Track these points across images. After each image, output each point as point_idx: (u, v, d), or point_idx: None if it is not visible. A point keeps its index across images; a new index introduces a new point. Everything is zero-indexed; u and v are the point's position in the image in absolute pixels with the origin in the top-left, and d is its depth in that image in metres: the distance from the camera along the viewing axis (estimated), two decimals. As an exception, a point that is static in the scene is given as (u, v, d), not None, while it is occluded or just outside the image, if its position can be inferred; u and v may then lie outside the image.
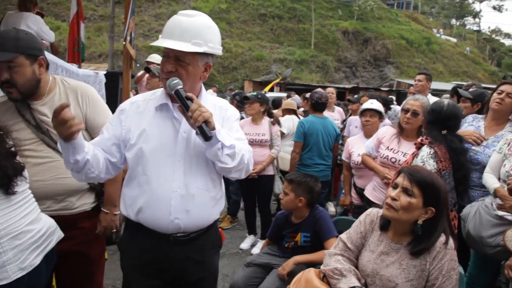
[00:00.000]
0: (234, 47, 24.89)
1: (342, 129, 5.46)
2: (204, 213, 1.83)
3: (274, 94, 12.08)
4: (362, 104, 4.58)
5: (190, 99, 1.62)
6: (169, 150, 1.75)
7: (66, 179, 2.02)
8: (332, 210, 5.45)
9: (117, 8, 15.84)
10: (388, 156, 3.18)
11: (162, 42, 1.70)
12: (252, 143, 4.48)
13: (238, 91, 6.81)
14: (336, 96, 5.94)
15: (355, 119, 4.80)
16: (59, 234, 1.92)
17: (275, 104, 6.89)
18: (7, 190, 1.67)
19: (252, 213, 4.90)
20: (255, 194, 4.69)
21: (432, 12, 50.66)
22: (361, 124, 4.17)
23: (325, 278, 2.04)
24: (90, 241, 2.21)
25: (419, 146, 2.74)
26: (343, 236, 2.10)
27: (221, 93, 19.82)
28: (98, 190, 2.24)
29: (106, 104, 2.33)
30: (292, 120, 5.37)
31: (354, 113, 5.29)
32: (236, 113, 1.99)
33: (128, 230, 1.92)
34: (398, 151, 3.15)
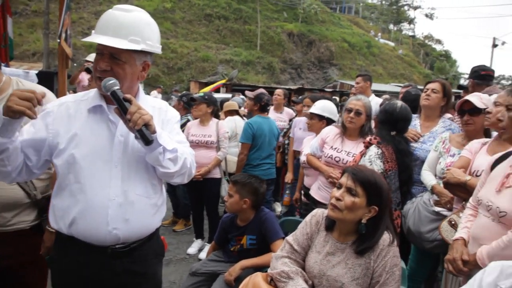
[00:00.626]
0: (180, 48, 24.45)
1: (289, 129, 5.51)
2: (145, 221, 1.72)
3: (221, 95, 12.00)
4: (304, 105, 4.66)
5: (129, 101, 1.52)
6: (104, 155, 1.62)
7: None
8: (279, 210, 5.48)
9: (52, 3, 14.88)
10: (332, 155, 3.22)
11: (96, 38, 1.57)
12: (198, 145, 4.41)
13: (185, 92, 6.66)
14: (283, 97, 5.95)
15: (299, 121, 4.86)
16: None
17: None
18: None
19: (199, 216, 4.80)
20: (202, 197, 4.60)
21: (372, 17, 53.11)
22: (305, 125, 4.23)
23: (272, 281, 2.01)
24: (28, 263, 2.00)
25: (367, 145, 2.78)
26: (290, 238, 2.08)
27: (166, 94, 19.39)
28: (42, 205, 2.02)
29: None
30: (234, 121, 5.31)
31: (299, 114, 5.35)
32: (176, 115, 1.90)
33: (59, 245, 1.75)
34: (342, 150, 3.20)
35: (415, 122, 3.32)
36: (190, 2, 28.00)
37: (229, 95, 11.06)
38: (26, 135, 1.61)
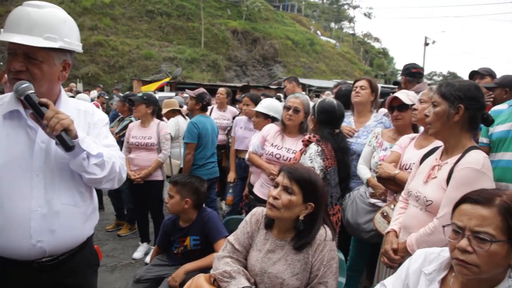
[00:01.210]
0: (121, 45, 23.56)
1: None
2: (73, 231, 1.64)
3: (165, 94, 11.73)
4: (244, 104, 4.69)
5: (45, 105, 1.43)
6: (24, 164, 1.51)
7: None
8: (226, 209, 5.47)
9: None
10: (273, 152, 3.27)
11: (7, 37, 1.45)
12: (138, 147, 4.30)
13: (128, 93, 6.41)
14: (226, 95, 5.92)
15: (240, 120, 4.88)
16: None
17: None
18: None
19: (144, 220, 4.68)
20: (145, 200, 4.48)
21: (314, 15, 54.47)
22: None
23: (215, 282, 2.01)
24: None
25: (307, 143, 2.83)
26: (231, 237, 2.09)
27: (108, 93, 18.64)
28: None
29: None
30: (177, 121, 5.21)
31: (243, 112, 5.36)
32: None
33: None
34: (282, 147, 3.26)
35: (350, 119, 3.49)
36: (130, -3, 27.06)
37: (173, 94, 10.85)
38: None
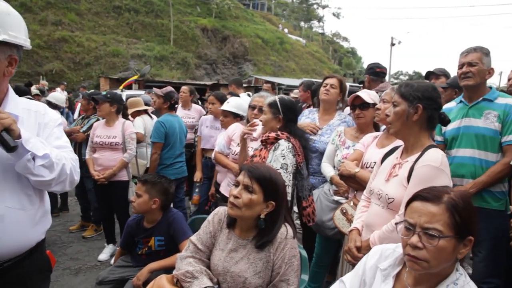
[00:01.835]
0: (86, 41, 22.86)
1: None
2: (20, 236, 1.57)
3: (133, 92, 11.50)
4: (209, 102, 4.68)
5: None
6: None
7: None
8: (192, 208, 5.43)
9: None
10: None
11: None
12: (102, 147, 4.21)
13: (94, 91, 6.23)
14: (189, 93, 5.86)
15: (206, 119, 4.87)
16: None
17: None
18: None
19: (109, 220, 4.59)
20: (111, 200, 4.39)
21: (284, 14, 54.83)
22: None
23: (178, 282, 2.00)
24: None
25: (273, 140, 2.82)
26: (193, 238, 2.08)
27: (73, 91, 18.06)
28: None
29: None
30: (143, 121, 5.13)
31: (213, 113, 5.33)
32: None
33: None
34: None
35: (314, 116, 3.52)
36: (96, -8, 26.32)
37: (141, 92, 10.65)
38: None
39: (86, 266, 4.28)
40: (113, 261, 4.20)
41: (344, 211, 2.63)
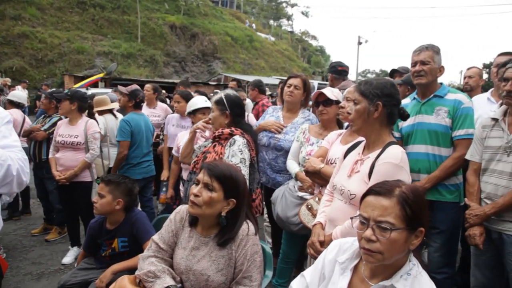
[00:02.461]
0: (49, 37, 22.08)
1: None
2: None
3: (98, 90, 11.21)
4: (175, 101, 4.64)
5: None
6: None
7: None
8: (160, 208, 5.37)
9: None
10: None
11: None
12: (64, 146, 4.09)
13: (55, 89, 6.02)
14: (153, 91, 5.80)
15: (172, 117, 4.82)
16: None
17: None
18: None
19: (74, 222, 4.46)
20: (74, 202, 4.27)
21: (253, 12, 54.87)
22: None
23: (141, 283, 1.97)
24: None
25: (227, 136, 2.83)
26: (155, 237, 2.07)
27: (35, 89, 17.40)
28: None
29: None
30: (105, 120, 5.00)
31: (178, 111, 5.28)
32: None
33: None
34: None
35: (278, 114, 3.56)
36: (59, -14, 25.42)
37: (108, 90, 10.40)
38: None
39: (49, 270, 4.14)
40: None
41: (309, 207, 2.67)
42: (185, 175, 3.82)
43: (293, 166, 3.09)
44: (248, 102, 5.89)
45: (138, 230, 2.67)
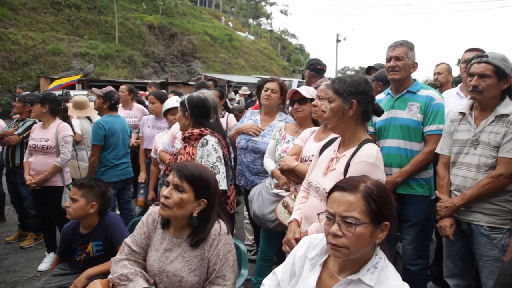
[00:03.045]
0: (23, 39, 21.51)
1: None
2: None
3: (75, 93, 11.01)
4: (150, 102, 4.60)
5: None
6: None
7: None
8: (137, 210, 5.31)
9: None
10: None
11: None
12: (35, 150, 4.02)
13: (29, 93, 5.86)
14: (128, 92, 5.72)
15: (148, 119, 4.77)
16: None
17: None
18: None
19: (49, 227, 4.37)
20: (48, 207, 4.18)
21: (232, 11, 54.75)
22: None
23: (114, 286, 1.96)
24: None
25: (197, 136, 2.82)
26: (128, 240, 2.05)
27: (9, 92, 16.95)
28: None
29: None
30: (80, 122, 4.90)
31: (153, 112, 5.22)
32: None
33: None
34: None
35: (256, 117, 3.60)
36: (32, -14, 24.79)
37: (85, 92, 10.24)
38: None
39: (24, 278, 4.05)
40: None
41: (285, 204, 2.69)
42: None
43: (269, 164, 3.11)
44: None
45: (112, 234, 2.64)
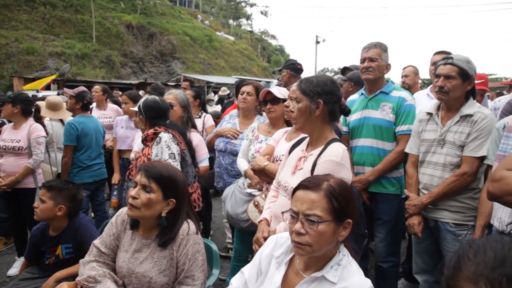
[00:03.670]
0: (-5, 37, 20.91)
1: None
2: None
3: (49, 93, 10.77)
4: (123, 102, 4.55)
5: None
6: None
7: None
8: (111, 212, 5.24)
9: None
10: None
11: None
12: (6, 151, 3.93)
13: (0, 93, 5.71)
14: (102, 93, 5.64)
15: (121, 119, 4.72)
16: None
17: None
18: None
19: (20, 231, 4.26)
20: (19, 210, 4.08)
21: (212, 11, 54.54)
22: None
23: (82, 289, 1.93)
24: None
25: (153, 136, 2.82)
26: (96, 241, 2.03)
27: (-19, 92, 16.44)
28: None
29: None
30: (51, 124, 4.79)
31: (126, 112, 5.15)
32: None
33: None
34: None
35: (235, 121, 3.63)
36: (4, -17, 24.06)
37: (55, 93, 10.02)
38: None
39: (-6, 284, 3.95)
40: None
41: (256, 204, 2.71)
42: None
43: (242, 164, 3.13)
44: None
45: (82, 236, 2.60)
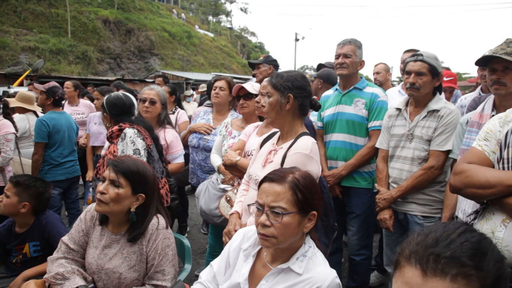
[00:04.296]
0: (-37, 31, 20.20)
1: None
2: None
3: (21, 89, 10.45)
4: (94, 98, 4.48)
5: None
6: None
7: None
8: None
9: None
10: None
11: None
12: (-27, 148, 3.77)
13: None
14: (74, 89, 5.54)
15: (95, 115, 4.64)
16: None
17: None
18: None
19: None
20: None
21: (191, 7, 54.07)
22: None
23: (50, 286, 1.90)
24: None
25: (118, 133, 2.79)
26: (65, 238, 2.00)
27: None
28: None
29: None
30: (26, 118, 4.70)
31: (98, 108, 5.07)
32: None
33: None
34: None
35: (209, 117, 3.61)
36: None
37: (24, 89, 9.75)
38: None
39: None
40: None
41: (228, 199, 2.71)
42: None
43: (215, 159, 3.13)
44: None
45: (50, 233, 2.54)
